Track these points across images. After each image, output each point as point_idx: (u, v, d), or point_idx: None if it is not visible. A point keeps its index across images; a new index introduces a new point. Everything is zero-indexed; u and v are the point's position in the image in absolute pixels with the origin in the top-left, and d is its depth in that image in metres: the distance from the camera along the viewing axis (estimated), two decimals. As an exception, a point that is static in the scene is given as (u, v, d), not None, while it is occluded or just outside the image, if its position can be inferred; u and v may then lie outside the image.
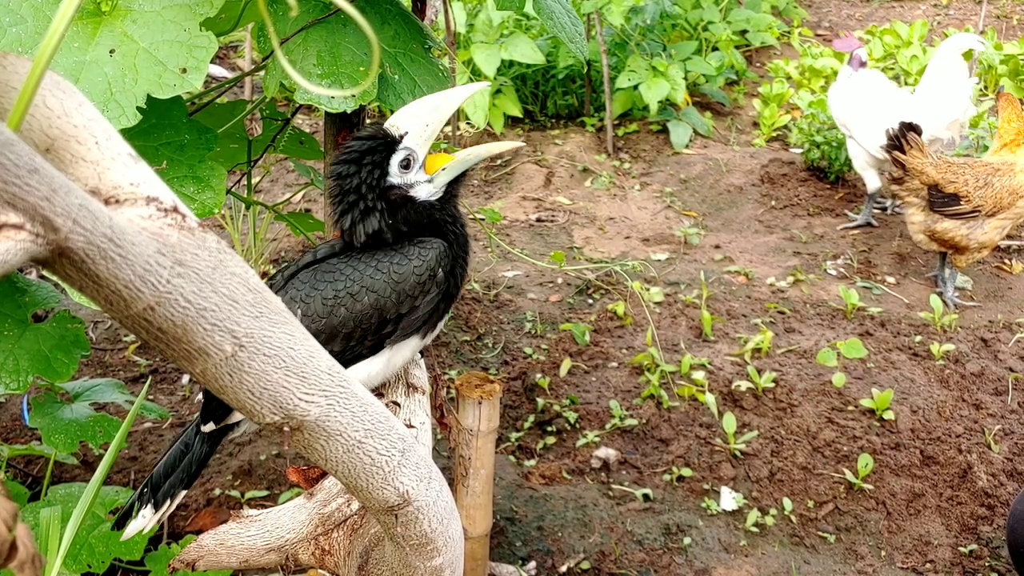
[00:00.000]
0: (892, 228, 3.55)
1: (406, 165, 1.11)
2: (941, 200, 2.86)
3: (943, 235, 2.93)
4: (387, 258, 1.10)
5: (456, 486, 1.67)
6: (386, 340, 1.11)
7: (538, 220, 3.79)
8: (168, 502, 1.12)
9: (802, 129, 4.05)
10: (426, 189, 1.13)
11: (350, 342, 1.08)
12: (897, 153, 2.88)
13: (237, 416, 1.12)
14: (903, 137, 2.85)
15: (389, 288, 1.08)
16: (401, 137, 1.10)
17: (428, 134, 1.11)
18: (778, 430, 2.39)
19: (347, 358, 1.09)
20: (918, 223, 2.97)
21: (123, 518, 1.14)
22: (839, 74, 3.59)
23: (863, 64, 3.49)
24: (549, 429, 2.45)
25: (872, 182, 3.46)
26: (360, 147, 1.09)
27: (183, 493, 1.13)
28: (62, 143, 0.51)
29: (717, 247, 3.52)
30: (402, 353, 1.15)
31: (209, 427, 1.13)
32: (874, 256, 3.40)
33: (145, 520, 1.11)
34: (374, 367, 1.13)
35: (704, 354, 2.72)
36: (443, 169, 1.13)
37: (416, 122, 1.10)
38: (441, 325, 1.18)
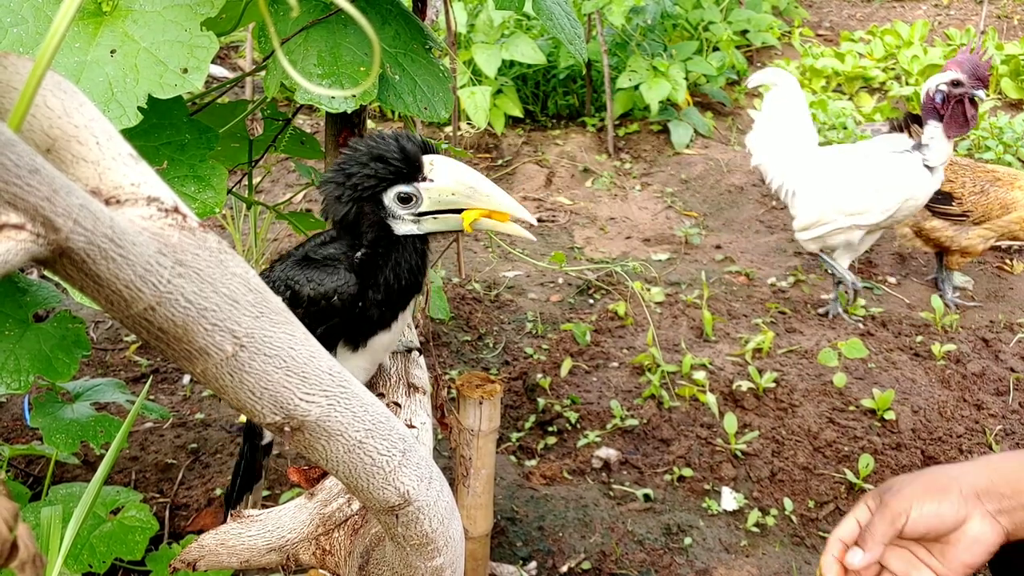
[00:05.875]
0: (891, 229, 3.54)
1: (405, 200, 1.03)
2: (934, 197, 2.85)
3: (930, 232, 2.94)
4: (301, 273, 1.04)
5: (457, 486, 1.67)
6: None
7: (539, 220, 3.79)
8: (240, 505, 1.27)
9: (803, 129, 4.04)
10: (406, 227, 1.05)
11: None
12: None
13: None
14: (907, 127, 2.85)
15: (290, 307, 1.06)
16: (423, 179, 1.02)
17: (446, 200, 1.03)
18: (779, 430, 2.39)
19: None
20: None
21: None
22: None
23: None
24: (550, 429, 2.45)
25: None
26: (380, 150, 1.01)
27: (248, 496, 1.29)
28: (63, 143, 0.51)
29: (718, 247, 3.52)
30: (355, 362, 1.13)
31: (243, 418, 1.19)
32: (875, 256, 3.40)
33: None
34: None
35: (705, 354, 2.72)
36: (434, 218, 1.05)
37: (449, 181, 1.02)
38: (401, 325, 1.12)
